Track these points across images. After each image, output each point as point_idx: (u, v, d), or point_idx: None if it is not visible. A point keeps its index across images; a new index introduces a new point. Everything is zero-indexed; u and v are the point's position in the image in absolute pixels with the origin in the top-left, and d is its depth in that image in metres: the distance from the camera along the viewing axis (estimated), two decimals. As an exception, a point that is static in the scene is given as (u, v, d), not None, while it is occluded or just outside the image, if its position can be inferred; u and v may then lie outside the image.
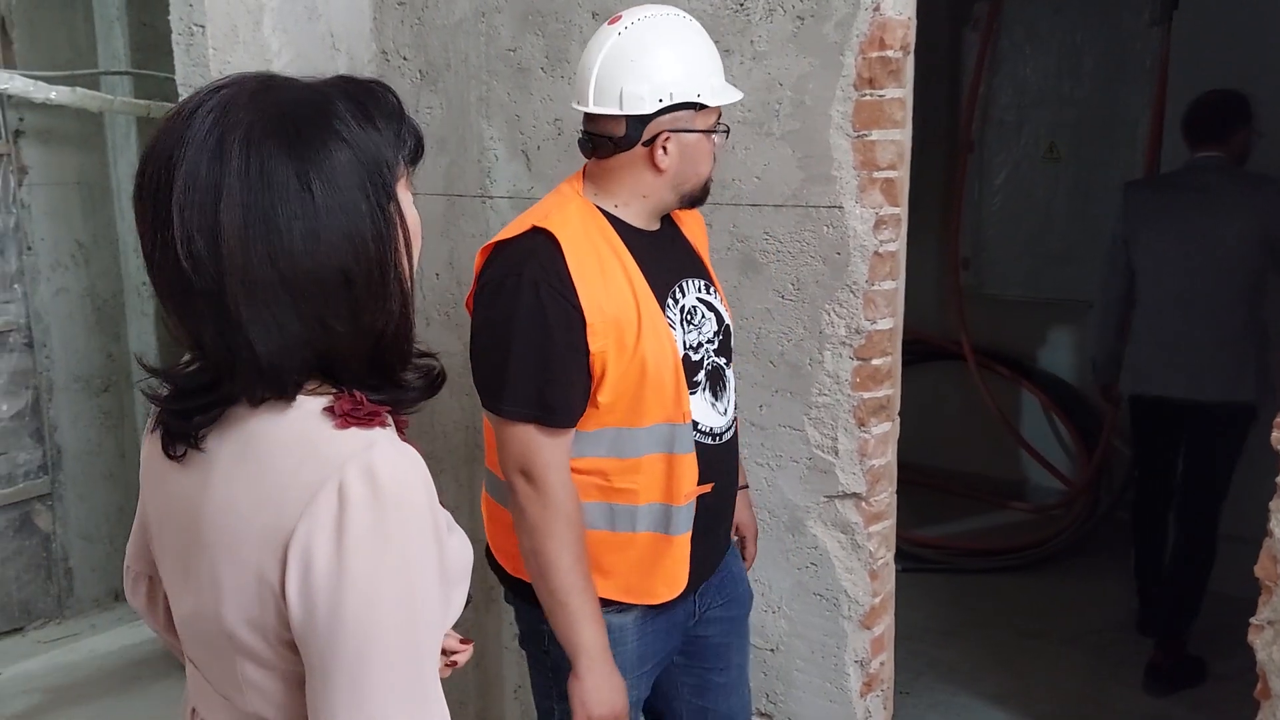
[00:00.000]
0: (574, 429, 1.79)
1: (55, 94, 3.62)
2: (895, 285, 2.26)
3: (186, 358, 1.09)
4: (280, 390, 1.00)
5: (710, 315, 1.92)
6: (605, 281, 1.76)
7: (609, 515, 1.84)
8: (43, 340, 4.05)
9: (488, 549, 2.02)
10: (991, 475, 5.31)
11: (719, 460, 1.91)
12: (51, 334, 4.07)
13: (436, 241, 2.98)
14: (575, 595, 1.77)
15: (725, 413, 1.93)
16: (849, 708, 2.43)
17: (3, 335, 3.95)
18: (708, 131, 1.81)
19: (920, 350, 5.36)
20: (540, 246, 1.76)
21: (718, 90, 1.81)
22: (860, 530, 2.34)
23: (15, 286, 3.97)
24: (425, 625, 1.00)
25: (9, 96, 3.72)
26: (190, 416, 1.03)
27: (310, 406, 1.02)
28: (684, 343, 1.84)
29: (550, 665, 1.93)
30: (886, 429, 2.33)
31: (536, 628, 1.92)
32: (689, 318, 1.87)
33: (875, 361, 2.26)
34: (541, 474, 1.76)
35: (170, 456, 1.06)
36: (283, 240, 0.95)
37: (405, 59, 2.97)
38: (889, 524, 2.40)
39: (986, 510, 5.17)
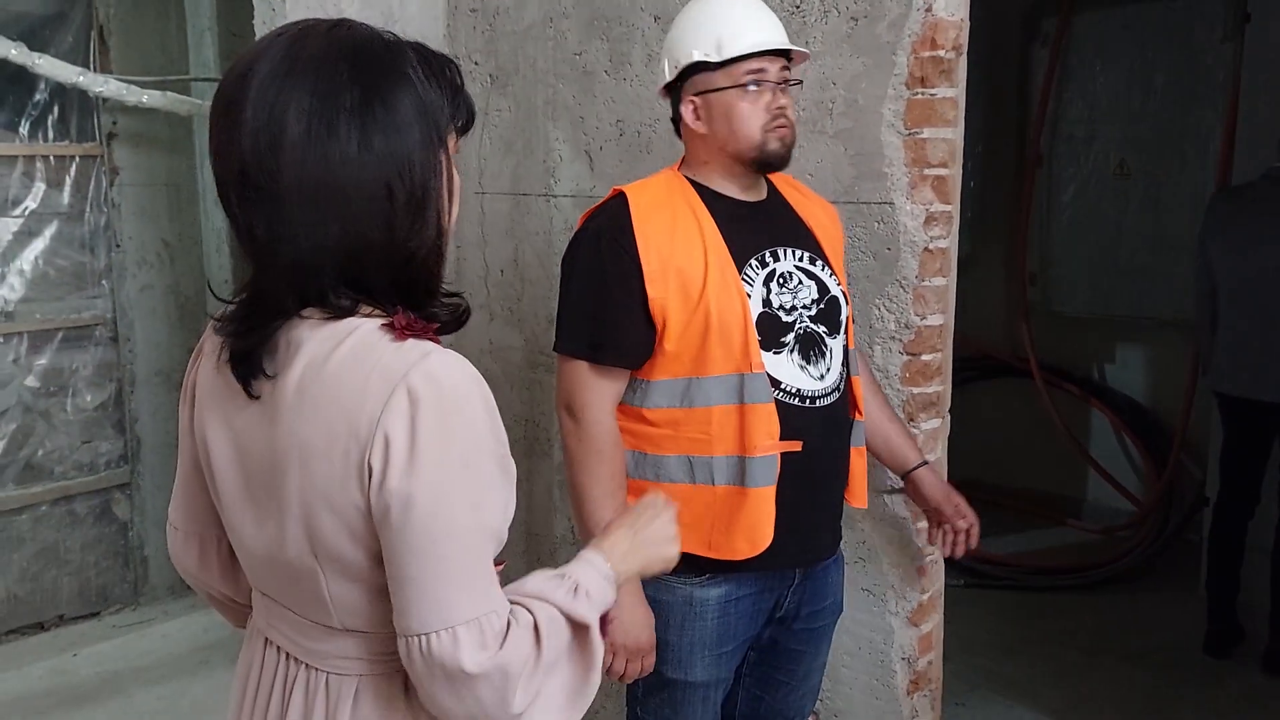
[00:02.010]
0: (625, 375, 1.89)
1: (147, 98, 3.79)
2: (946, 282, 2.28)
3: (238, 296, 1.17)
4: (317, 291, 1.09)
5: (810, 283, 1.95)
6: (674, 235, 1.86)
7: (688, 468, 1.89)
8: (127, 334, 4.22)
9: None
10: (1058, 493, 5.25)
11: (808, 423, 1.91)
12: (135, 329, 4.24)
13: (501, 240, 3.06)
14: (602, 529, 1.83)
15: (821, 379, 1.92)
16: (895, 705, 2.43)
17: (89, 329, 4.13)
18: (734, 87, 1.86)
19: (986, 366, 5.34)
20: (612, 205, 1.90)
21: (722, 45, 1.85)
22: (909, 525, 2.36)
23: (103, 282, 4.15)
24: (488, 517, 1.09)
25: (104, 100, 3.91)
26: (242, 336, 1.12)
27: (367, 326, 1.10)
28: (766, 301, 1.88)
29: None
30: (936, 425, 2.35)
31: None
32: (782, 281, 1.92)
33: (925, 357, 2.29)
34: (582, 410, 1.87)
35: (251, 396, 1.13)
36: (340, 144, 1.05)
37: (476, 64, 3.07)
38: (937, 520, 2.41)
39: (1052, 528, 5.12)
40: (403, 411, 1.04)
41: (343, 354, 1.09)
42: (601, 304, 1.85)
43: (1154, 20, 4.72)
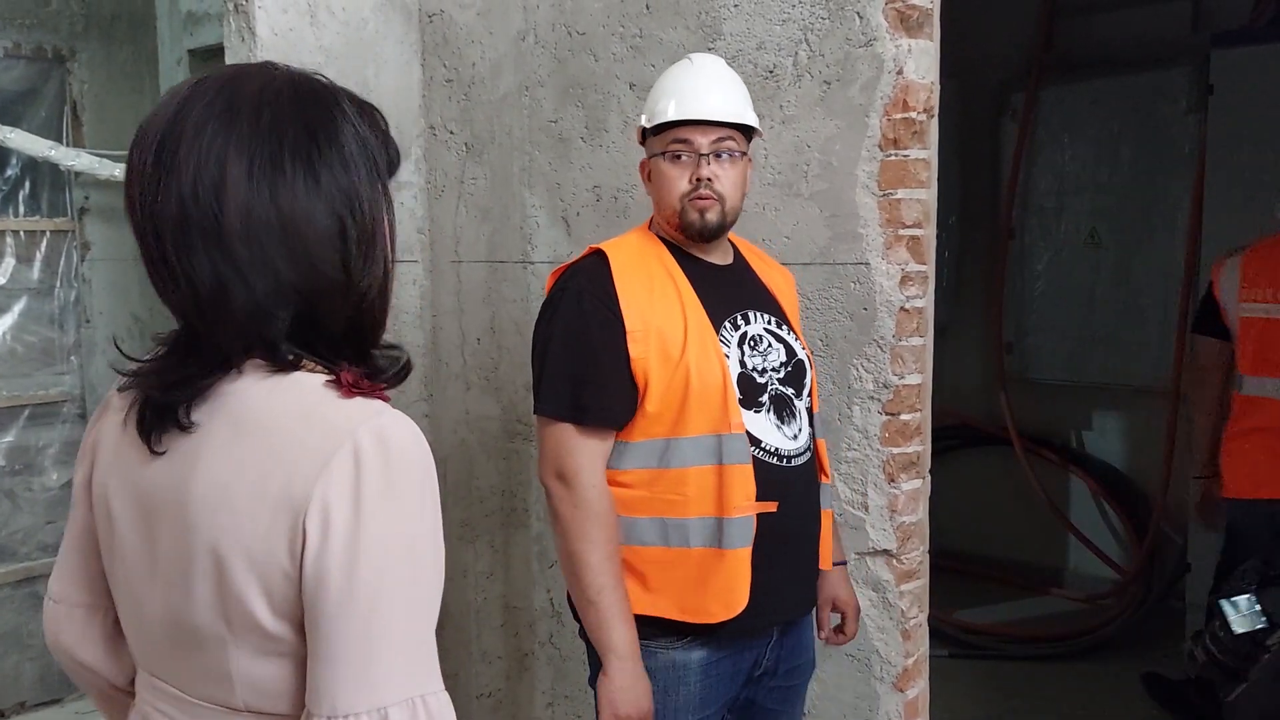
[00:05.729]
0: (612, 435, 1.85)
1: (119, 171, 3.78)
2: (923, 341, 2.28)
3: (155, 350, 1.09)
4: (268, 339, 1.03)
5: (779, 346, 1.96)
6: (652, 295, 1.85)
7: (662, 530, 1.85)
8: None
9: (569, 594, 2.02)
10: (1039, 561, 5.22)
11: (786, 482, 1.90)
12: (104, 405, 4.18)
13: (478, 308, 3.05)
14: (605, 594, 1.80)
15: (795, 438, 1.93)
16: (883, 775, 2.37)
17: (56, 405, 4.08)
18: (662, 154, 1.90)
19: (966, 435, 5.34)
20: (590, 263, 1.90)
21: (654, 113, 1.91)
22: (892, 588, 2.32)
23: (71, 359, 4.10)
24: (430, 591, 1.02)
25: (76, 174, 3.90)
26: (173, 390, 1.04)
27: (311, 382, 1.04)
28: (742, 363, 1.89)
29: None
30: (917, 485, 2.33)
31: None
32: (753, 343, 1.92)
33: (904, 417, 2.27)
34: (573, 475, 1.83)
35: (154, 451, 1.04)
36: (285, 180, 1.00)
37: (452, 133, 3.08)
38: (921, 583, 2.38)
39: (1035, 597, 5.08)
40: (346, 476, 0.97)
41: (282, 407, 1.02)
42: (586, 364, 1.83)
43: (1120, 93, 4.82)
